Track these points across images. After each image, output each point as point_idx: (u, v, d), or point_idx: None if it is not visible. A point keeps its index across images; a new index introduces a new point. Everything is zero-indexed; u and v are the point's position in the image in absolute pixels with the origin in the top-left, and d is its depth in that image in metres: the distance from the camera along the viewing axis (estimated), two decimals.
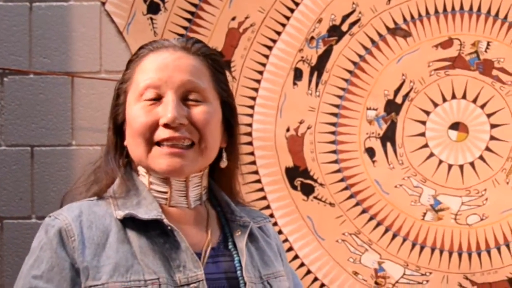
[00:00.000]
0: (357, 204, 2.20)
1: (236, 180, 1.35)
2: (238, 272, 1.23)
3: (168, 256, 1.19)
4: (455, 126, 2.19)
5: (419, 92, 2.20)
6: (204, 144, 1.23)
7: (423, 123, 2.20)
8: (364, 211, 2.20)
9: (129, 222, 1.21)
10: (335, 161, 2.21)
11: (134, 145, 1.24)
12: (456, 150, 2.20)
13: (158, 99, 1.22)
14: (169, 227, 1.20)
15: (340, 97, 2.21)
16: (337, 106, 2.21)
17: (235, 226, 1.29)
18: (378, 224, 2.20)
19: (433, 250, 2.19)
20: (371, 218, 2.20)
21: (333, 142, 2.21)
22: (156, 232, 1.21)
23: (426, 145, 2.20)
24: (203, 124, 1.22)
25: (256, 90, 2.21)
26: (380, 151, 2.20)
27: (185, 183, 1.25)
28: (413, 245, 2.19)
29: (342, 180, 2.21)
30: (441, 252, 2.19)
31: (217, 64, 1.30)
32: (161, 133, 1.21)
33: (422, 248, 2.19)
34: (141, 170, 1.27)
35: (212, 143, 1.25)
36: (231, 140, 1.31)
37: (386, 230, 2.20)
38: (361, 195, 2.20)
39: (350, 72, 2.21)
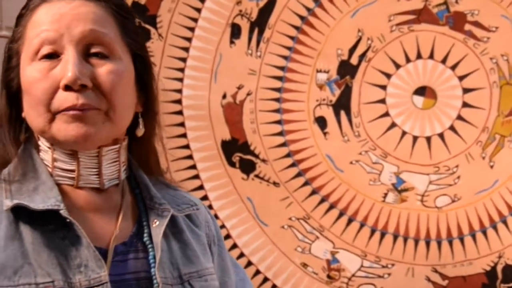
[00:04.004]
0: (306, 183, 2.20)
1: (155, 152, 1.31)
2: (152, 270, 1.19)
3: (67, 254, 1.14)
4: (420, 91, 2.19)
5: (378, 51, 2.19)
6: (112, 112, 1.17)
7: (383, 87, 2.20)
8: (314, 192, 2.20)
9: (23, 213, 1.14)
10: (280, 133, 2.20)
11: (33, 115, 1.18)
12: (422, 119, 2.19)
13: (56, 56, 1.16)
14: (67, 220, 1.14)
15: (285, 57, 2.20)
16: (282, 68, 2.20)
17: (153, 215, 1.24)
18: (331, 207, 2.19)
19: (395, 237, 2.20)
20: (322, 200, 2.20)
21: (277, 111, 2.20)
22: (54, 225, 1.15)
23: (386, 114, 2.20)
24: (111, 88, 1.16)
25: (186, 50, 2.19)
26: (333, 121, 2.19)
27: (97, 158, 1.20)
28: (372, 232, 2.19)
29: (288, 155, 2.20)
30: (405, 240, 2.19)
31: (123, 9, 1.24)
32: (63, 101, 1.15)
33: (382, 235, 2.19)
34: (43, 145, 1.21)
35: (124, 109, 1.20)
36: (148, 102, 1.26)
37: (341, 214, 2.20)
38: (310, 173, 2.20)
39: (297, 28, 2.19)
